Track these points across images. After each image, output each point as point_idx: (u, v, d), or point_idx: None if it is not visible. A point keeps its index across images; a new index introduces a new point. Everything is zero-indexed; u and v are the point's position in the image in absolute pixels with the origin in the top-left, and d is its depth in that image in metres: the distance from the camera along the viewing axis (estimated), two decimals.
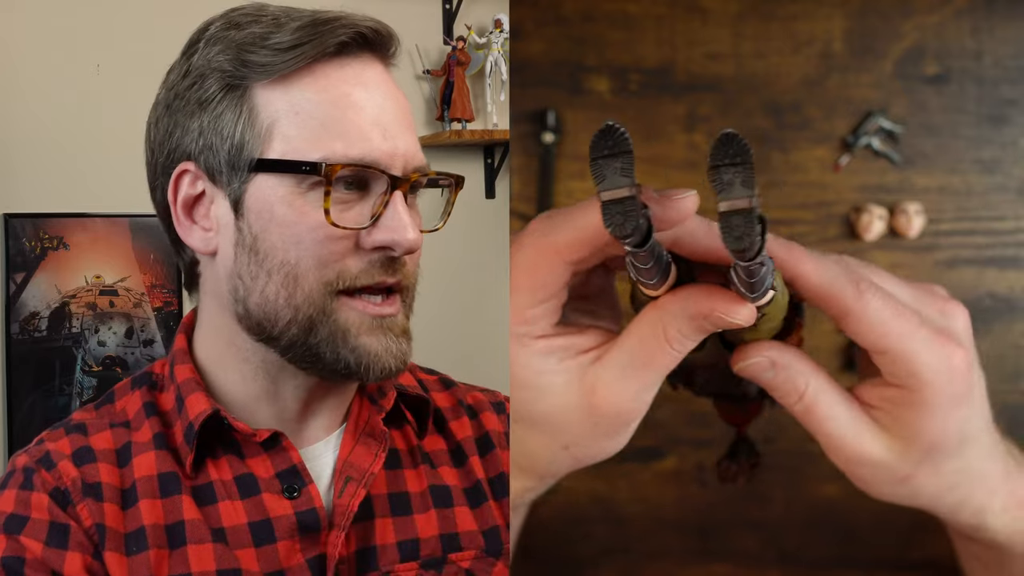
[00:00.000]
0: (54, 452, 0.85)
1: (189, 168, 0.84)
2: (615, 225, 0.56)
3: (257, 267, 0.83)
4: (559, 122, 1.13)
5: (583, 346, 0.67)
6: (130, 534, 0.82)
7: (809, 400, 0.65)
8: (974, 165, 1.13)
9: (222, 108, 0.83)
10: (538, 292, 0.66)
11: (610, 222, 0.56)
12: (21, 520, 0.81)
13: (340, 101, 0.82)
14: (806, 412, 0.66)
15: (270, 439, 0.86)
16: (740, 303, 0.62)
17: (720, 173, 0.54)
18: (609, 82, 1.14)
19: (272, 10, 0.86)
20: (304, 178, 0.81)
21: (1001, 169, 1.13)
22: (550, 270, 0.65)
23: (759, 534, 1.12)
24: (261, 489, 0.85)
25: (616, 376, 0.66)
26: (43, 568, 0.79)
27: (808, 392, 0.65)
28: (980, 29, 1.13)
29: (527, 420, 0.68)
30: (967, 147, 1.13)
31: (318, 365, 0.84)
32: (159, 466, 0.85)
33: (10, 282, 2.27)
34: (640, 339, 0.65)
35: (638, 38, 1.14)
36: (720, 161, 0.54)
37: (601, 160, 0.56)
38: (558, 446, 0.68)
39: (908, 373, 0.64)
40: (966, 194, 1.13)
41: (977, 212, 1.13)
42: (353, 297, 0.83)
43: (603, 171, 0.56)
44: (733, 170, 0.54)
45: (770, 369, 0.65)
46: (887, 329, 0.63)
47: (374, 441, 0.89)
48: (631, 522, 1.13)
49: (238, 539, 0.83)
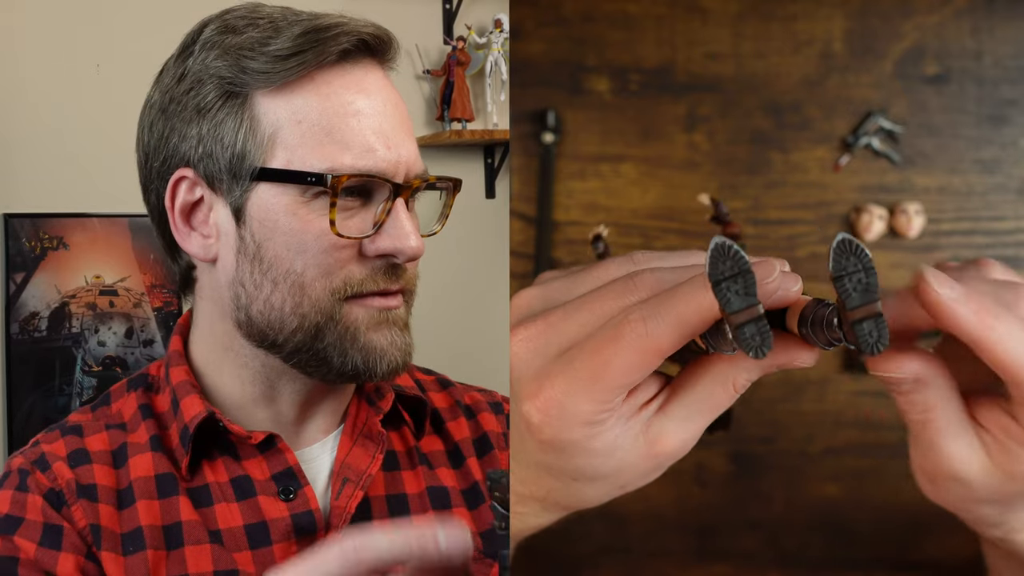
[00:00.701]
0: (49, 454, 0.85)
1: (187, 174, 0.84)
2: (754, 348, 0.56)
3: (261, 276, 0.83)
4: (559, 122, 1.13)
5: (645, 398, 0.64)
6: (126, 534, 0.82)
7: (932, 415, 0.62)
8: (974, 165, 1.13)
9: (222, 116, 0.82)
10: (629, 386, 0.62)
11: (748, 345, 0.56)
12: (15, 521, 0.81)
13: (342, 109, 0.82)
14: (923, 424, 0.62)
15: (265, 441, 0.86)
16: (811, 350, 0.61)
17: (844, 282, 0.55)
18: (609, 82, 1.14)
19: (268, 12, 0.85)
20: (308, 187, 0.81)
21: (1001, 169, 1.13)
22: (649, 367, 0.61)
23: (759, 534, 1.12)
24: (257, 491, 0.85)
25: (679, 425, 0.64)
26: (36, 569, 0.79)
27: (936, 409, 0.62)
28: (980, 29, 1.13)
29: (588, 479, 0.66)
30: (967, 147, 1.13)
31: (323, 369, 0.84)
32: (156, 467, 0.85)
33: (10, 282, 2.27)
34: (707, 388, 0.64)
35: (638, 38, 1.14)
36: (843, 271, 0.55)
37: (724, 283, 0.56)
38: (615, 488, 0.67)
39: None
40: (966, 194, 1.13)
41: (977, 212, 1.13)
42: (359, 298, 0.83)
43: (727, 295, 0.56)
44: (856, 278, 0.55)
45: (909, 383, 0.61)
46: None
47: (372, 443, 0.89)
48: (631, 522, 1.13)
49: (234, 541, 0.83)
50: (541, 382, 0.62)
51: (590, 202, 1.13)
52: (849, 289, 0.55)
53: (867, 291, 0.55)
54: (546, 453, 0.64)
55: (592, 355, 0.61)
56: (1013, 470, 0.61)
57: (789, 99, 1.13)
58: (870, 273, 0.55)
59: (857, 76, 1.14)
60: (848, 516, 1.11)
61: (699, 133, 1.13)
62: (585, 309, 0.64)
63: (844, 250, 0.55)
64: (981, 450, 0.62)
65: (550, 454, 0.64)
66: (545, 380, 0.62)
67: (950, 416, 0.62)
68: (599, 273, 0.67)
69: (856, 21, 1.14)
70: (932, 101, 1.13)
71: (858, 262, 0.55)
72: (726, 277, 0.56)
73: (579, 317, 0.63)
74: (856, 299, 0.55)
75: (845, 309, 0.55)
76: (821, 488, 1.12)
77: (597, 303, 0.63)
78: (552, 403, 0.61)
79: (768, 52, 1.13)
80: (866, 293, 0.55)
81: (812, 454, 1.12)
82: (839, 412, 1.13)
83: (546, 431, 0.62)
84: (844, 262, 0.55)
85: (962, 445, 0.62)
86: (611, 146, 1.14)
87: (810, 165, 1.13)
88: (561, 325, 0.63)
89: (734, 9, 1.14)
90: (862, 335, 0.55)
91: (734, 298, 0.56)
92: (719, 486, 1.12)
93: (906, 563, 1.11)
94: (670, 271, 0.64)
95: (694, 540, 1.13)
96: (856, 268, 0.55)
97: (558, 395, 0.61)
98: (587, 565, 1.13)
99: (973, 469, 0.62)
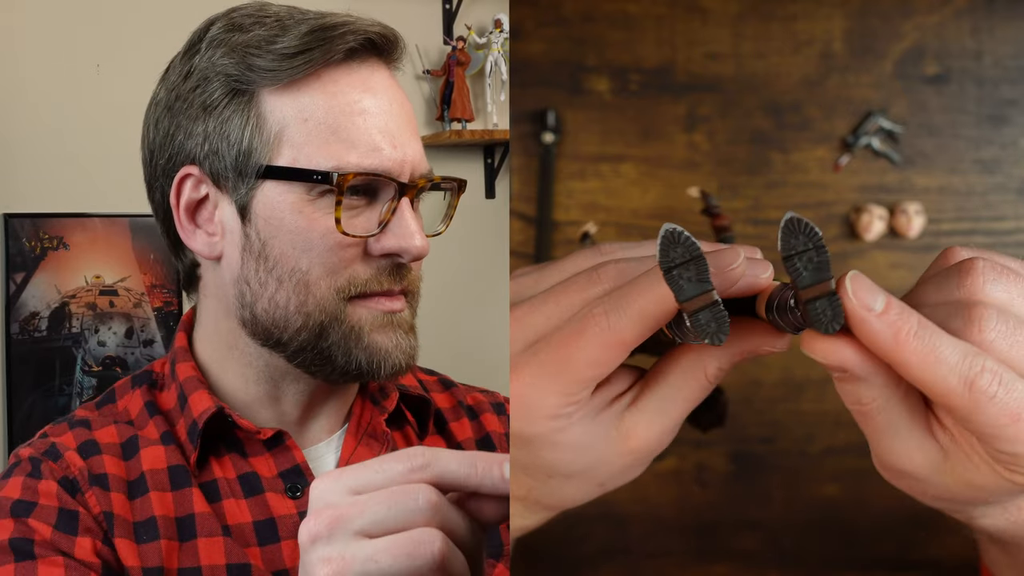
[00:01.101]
0: (59, 444, 0.85)
1: (192, 172, 0.84)
2: (710, 334, 0.55)
3: (266, 274, 0.83)
4: (559, 122, 1.13)
5: (615, 392, 0.64)
6: (140, 523, 0.82)
7: (869, 410, 0.60)
8: (974, 165, 1.13)
9: (228, 113, 0.83)
10: (595, 379, 0.62)
11: (704, 331, 0.55)
12: (28, 505, 0.81)
13: (349, 108, 0.82)
14: (861, 416, 0.60)
15: (273, 438, 0.86)
16: (781, 336, 0.60)
17: (794, 262, 0.53)
18: (609, 82, 1.14)
19: (275, 10, 0.85)
20: (314, 186, 0.81)
21: (1001, 169, 1.13)
22: (614, 361, 0.61)
23: (759, 534, 1.12)
24: (265, 488, 0.85)
25: (652, 418, 0.64)
26: (53, 548, 0.79)
27: (872, 405, 0.59)
28: (980, 29, 1.13)
29: (563, 476, 0.66)
30: (967, 147, 1.13)
31: (327, 369, 0.84)
32: (168, 459, 0.85)
33: (10, 282, 2.27)
34: (678, 379, 0.64)
35: (638, 38, 1.14)
36: (792, 250, 0.54)
37: (675, 271, 0.55)
38: (593, 486, 0.67)
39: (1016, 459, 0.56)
40: (966, 194, 1.13)
41: (977, 212, 1.13)
42: (363, 298, 0.84)
43: (679, 282, 0.55)
44: (807, 256, 0.53)
45: (838, 373, 0.59)
46: (1002, 431, 0.55)
47: (376, 442, 0.89)
48: (631, 522, 1.13)
49: (243, 537, 0.83)
50: (512, 376, 0.61)
51: (590, 202, 1.13)
52: (800, 268, 0.53)
53: (819, 269, 0.53)
54: (516, 448, 0.64)
55: (557, 348, 0.60)
56: (970, 478, 0.59)
57: (789, 99, 1.13)
58: (821, 251, 0.53)
59: (857, 76, 1.14)
60: (848, 516, 1.11)
61: (699, 133, 1.13)
62: (551, 302, 0.63)
63: (792, 229, 0.53)
64: (935, 452, 0.59)
65: (520, 449, 0.64)
66: (512, 373, 0.61)
67: (892, 415, 0.59)
68: (567, 266, 0.67)
69: (856, 21, 1.14)
70: (932, 101, 1.13)
71: (808, 240, 0.53)
72: (677, 264, 0.55)
73: (545, 310, 0.63)
74: (807, 278, 0.53)
75: (798, 289, 0.53)
76: (821, 488, 1.12)
77: (563, 296, 0.63)
78: (520, 396, 0.61)
79: (768, 52, 1.13)
80: (818, 272, 0.53)
81: (812, 454, 1.12)
82: (839, 412, 1.13)
83: (513, 424, 0.62)
84: (793, 241, 0.53)
85: (908, 445, 0.60)
86: (611, 146, 1.14)
87: (810, 165, 1.13)
88: (527, 319, 0.63)
89: (734, 9, 1.14)
90: (815, 314, 0.53)
91: (687, 285, 0.55)
92: (719, 486, 1.12)
93: (906, 563, 1.11)
94: (635, 262, 0.64)
95: (694, 540, 1.12)
96: (806, 246, 0.53)
97: (523, 388, 0.61)
98: (587, 566, 1.13)
99: (923, 469, 0.60)
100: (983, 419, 0.54)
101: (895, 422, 0.59)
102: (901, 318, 0.53)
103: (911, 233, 1.12)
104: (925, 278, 0.60)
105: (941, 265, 0.60)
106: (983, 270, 0.56)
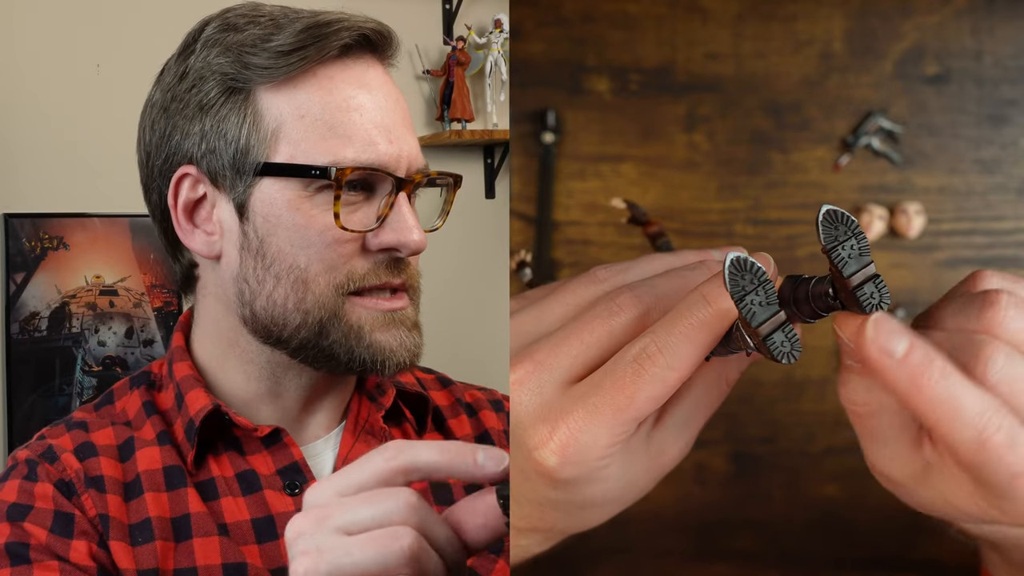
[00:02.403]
0: (56, 446, 0.85)
1: (190, 172, 0.84)
2: (785, 354, 0.57)
3: (264, 271, 0.83)
4: (559, 122, 1.13)
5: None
6: (135, 525, 0.82)
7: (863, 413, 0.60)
8: (974, 165, 1.13)
9: (225, 111, 0.83)
10: (649, 415, 0.61)
11: (780, 352, 0.57)
12: (24, 509, 0.81)
13: (344, 104, 0.83)
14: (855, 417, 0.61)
15: (271, 436, 0.86)
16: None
17: (839, 251, 0.56)
18: (609, 82, 1.14)
19: (269, 10, 0.86)
20: (311, 181, 0.82)
21: (1001, 169, 1.13)
22: (670, 394, 0.61)
23: (759, 534, 1.12)
24: (263, 486, 0.85)
25: (678, 433, 0.64)
26: (48, 553, 0.79)
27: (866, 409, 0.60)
28: (980, 29, 1.13)
29: (597, 506, 0.66)
30: (967, 147, 1.13)
31: (331, 363, 0.85)
32: (164, 460, 0.85)
33: (10, 282, 2.27)
34: (700, 391, 0.64)
35: (638, 38, 1.14)
36: (835, 241, 0.56)
37: (747, 297, 0.57)
38: (620, 507, 0.67)
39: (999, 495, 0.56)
40: (966, 194, 1.13)
41: (977, 212, 1.13)
42: (362, 296, 0.84)
43: (751, 308, 0.57)
44: (849, 244, 0.56)
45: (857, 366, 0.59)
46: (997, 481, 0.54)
47: (374, 439, 0.89)
48: (631, 522, 1.13)
49: (241, 535, 0.84)
50: (554, 423, 0.61)
51: (590, 202, 1.13)
52: (844, 257, 0.56)
53: (861, 255, 0.56)
54: (558, 490, 0.63)
55: (614, 391, 0.60)
56: (949, 498, 0.58)
57: (789, 99, 1.13)
58: (861, 238, 0.56)
59: (857, 76, 1.14)
60: (848, 516, 1.11)
61: (699, 133, 1.13)
62: (573, 339, 0.62)
63: (832, 220, 0.56)
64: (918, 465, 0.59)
65: (562, 490, 0.63)
66: (559, 420, 0.61)
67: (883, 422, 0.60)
68: (567, 297, 0.66)
69: (856, 21, 1.14)
70: (932, 101, 1.13)
71: (847, 230, 0.56)
72: (748, 291, 0.57)
73: (568, 349, 0.62)
74: (853, 265, 0.55)
75: (843, 277, 0.55)
76: (821, 488, 1.12)
77: (585, 331, 0.62)
78: (569, 442, 0.61)
79: (768, 52, 1.13)
80: (861, 258, 0.56)
81: (812, 454, 1.12)
82: (839, 412, 1.12)
83: (567, 470, 0.61)
84: (835, 232, 0.56)
85: (894, 453, 0.60)
86: (611, 146, 1.14)
87: (810, 165, 1.13)
88: (553, 361, 0.62)
89: (734, 9, 1.14)
90: (865, 298, 0.55)
91: (759, 311, 0.57)
92: (719, 486, 1.12)
93: (906, 563, 1.10)
94: (645, 286, 0.63)
95: (694, 540, 1.12)
96: (847, 236, 0.56)
97: (575, 432, 0.60)
98: (587, 565, 1.13)
99: (906, 479, 0.60)
100: (984, 472, 0.54)
101: (884, 429, 0.60)
102: (923, 363, 0.53)
103: (911, 233, 1.12)
104: (948, 298, 0.60)
105: (967, 288, 0.60)
106: (1005, 305, 0.56)
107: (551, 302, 0.66)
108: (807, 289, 0.58)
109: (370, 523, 0.59)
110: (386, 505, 0.60)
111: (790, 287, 0.59)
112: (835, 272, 0.56)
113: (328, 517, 0.60)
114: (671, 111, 1.14)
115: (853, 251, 0.55)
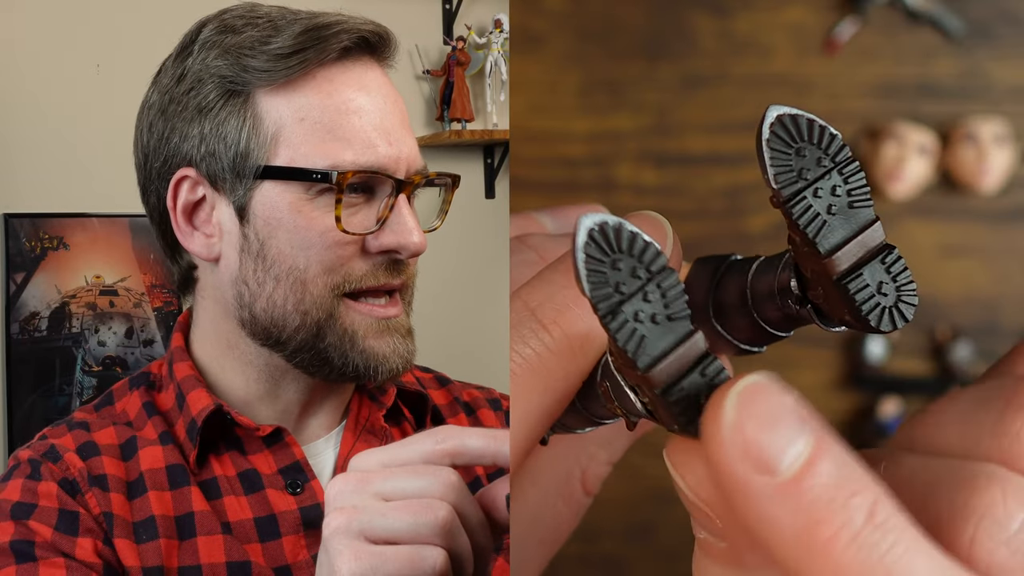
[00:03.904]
0: (59, 446, 0.85)
1: (189, 174, 0.85)
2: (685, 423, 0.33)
3: (264, 273, 0.83)
4: None
5: None
6: (139, 523, 0.83)
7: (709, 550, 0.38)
8: None
9: (224, 114, 0.83)
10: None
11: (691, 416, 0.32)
12: (29, 507, 0.81)
13: (344, 106, 0.83)
14: (698, 549, 0.39)
15: (272, 435, 0.87)
16: None
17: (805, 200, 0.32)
18: None
19: (266, 11, 0.86)
20: (312, 184, 0.82)
21: None
22: None
23: None
24: (265, 485, 0.86)
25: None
26: (54, 550, 0.79)
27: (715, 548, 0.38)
28: None
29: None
30: None
31: (325, 369, 0.85)
32: (166, 459, 0.85)
33: (10, 282, 2.27)
34: (538, 503, 0.63)
35: None
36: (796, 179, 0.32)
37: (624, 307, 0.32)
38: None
39: None
40: None
41: None
42: (357, 300, 0.84)
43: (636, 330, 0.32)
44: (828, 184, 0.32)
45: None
46: None
47: (375, 438, 0.90)
48: None
49: (244, 534, 0.84)
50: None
51: None
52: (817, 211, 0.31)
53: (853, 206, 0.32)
54: None
55: None
56: None
57: None
58: (851, 173, 0.32)
59: None
60: None
61: None
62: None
63: (791, 136, 0.32)
64: None
65: None
66: None
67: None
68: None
69: None
70: None
71: (822, 154, 0.32)
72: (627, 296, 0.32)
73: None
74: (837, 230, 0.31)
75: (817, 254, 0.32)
76: None
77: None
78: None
79: None
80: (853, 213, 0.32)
81: None
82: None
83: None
84: (796, 160, 0.32)
85: None
86: None
87: (773, 38, 0.64)
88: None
89: None
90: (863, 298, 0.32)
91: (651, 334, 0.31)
92: None
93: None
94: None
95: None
96: (821, 166, 0.32)
97: None
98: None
99: None
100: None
101: None
102: (835, 500, 0.28)
103: (986, 181, 0.61)
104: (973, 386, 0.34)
105: (1007, 368, 0.34)
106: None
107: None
108: (744, 284, 0.34)
109: (409, 493, 0.61)
110: (428, 479, 0.61)
111: (709, 280, 0.35)
112: (799, 244, 0.31)
113: (370, 481, 0.62)
114: None
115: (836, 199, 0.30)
